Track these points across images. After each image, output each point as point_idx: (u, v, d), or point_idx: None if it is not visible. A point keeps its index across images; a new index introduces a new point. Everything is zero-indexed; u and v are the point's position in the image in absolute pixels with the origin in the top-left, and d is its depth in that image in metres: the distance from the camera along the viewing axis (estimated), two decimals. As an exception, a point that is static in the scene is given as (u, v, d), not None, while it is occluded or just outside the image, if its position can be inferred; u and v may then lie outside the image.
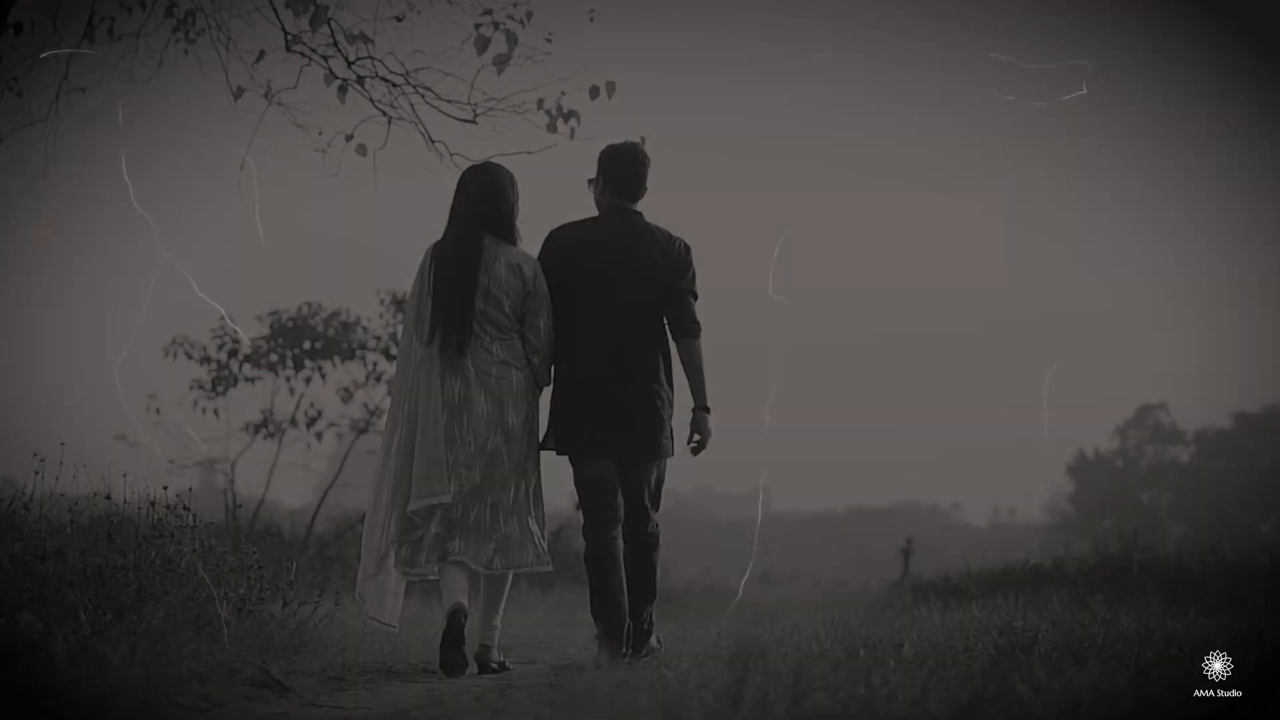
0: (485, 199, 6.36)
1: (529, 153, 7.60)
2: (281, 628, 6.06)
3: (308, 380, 13.97)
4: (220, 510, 12.74)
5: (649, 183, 6.59)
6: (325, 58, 7.96)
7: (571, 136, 7.81)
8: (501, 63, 7.79)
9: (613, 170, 6.56)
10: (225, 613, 5.70)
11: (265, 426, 13.99)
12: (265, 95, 8.07)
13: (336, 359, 13.96)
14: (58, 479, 5.90)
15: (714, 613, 15.10)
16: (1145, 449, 69.61)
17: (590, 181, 6.64)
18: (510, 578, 6.33)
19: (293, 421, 14.00)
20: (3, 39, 7.68)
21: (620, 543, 6.32)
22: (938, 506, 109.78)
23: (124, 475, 6.18)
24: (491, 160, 6.67)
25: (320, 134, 8.03)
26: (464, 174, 6.50)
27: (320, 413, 14.08)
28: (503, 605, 6.33)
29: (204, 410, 13.77)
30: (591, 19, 7.72)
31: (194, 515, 6.36)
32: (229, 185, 8.01)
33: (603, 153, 6.63)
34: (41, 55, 7.96)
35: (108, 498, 6.03)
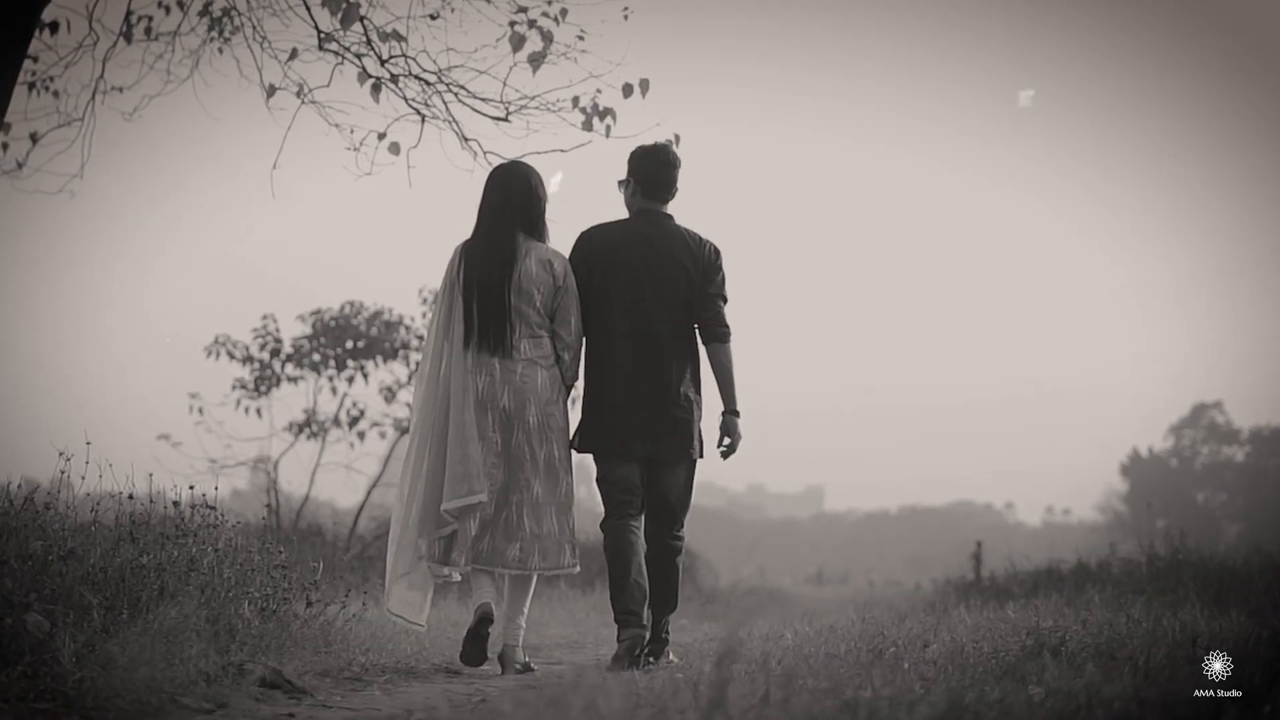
0: (515, 196, 6.34)
1: (562, 151, 7.56)
2: (305, 627, 6.04)
3: (350, 380, 13.98)
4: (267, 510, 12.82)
5: (679, 184, 6.55)
6: (359, 56, 7.93)
7: (607, 135, 7.75)
8: (536, 61, 7.74)
9: (643, 172, 6.52)
10: (247, 612, 5.68)
11: (308, 426, 14.01)
12: (298, 94, 8.05)
13: (379, 358, 13.97)
14: (83, 478, 5.90)
15: (760, 613, 15.03)
16: (1200, 448, 68.98)
17: (620, 183, 6.60)
18: (535, 578, 6.31)
19: (335, 421, 14.02)
20: (39, 38, 7.70)
21: (639, 534, 6.29)
22: (991, 506, 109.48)
23: (149, 475, 6.18)
24: (519, 159, 6.65)
25: (353, 132, 8.00)
26: (493, 172, 6.49)
27: (363, 412, 14.09)
28: (528, 605, 6.30)
29: (246, 410, 13.81)
30: (626, 16, 7.65)
31: (220, 515, 6.35)
32: (263, 183, 8.01)
33: (633, 154, 6.59)
34: (77, 54, 7.98)
35: (130, 496, 6.02)
